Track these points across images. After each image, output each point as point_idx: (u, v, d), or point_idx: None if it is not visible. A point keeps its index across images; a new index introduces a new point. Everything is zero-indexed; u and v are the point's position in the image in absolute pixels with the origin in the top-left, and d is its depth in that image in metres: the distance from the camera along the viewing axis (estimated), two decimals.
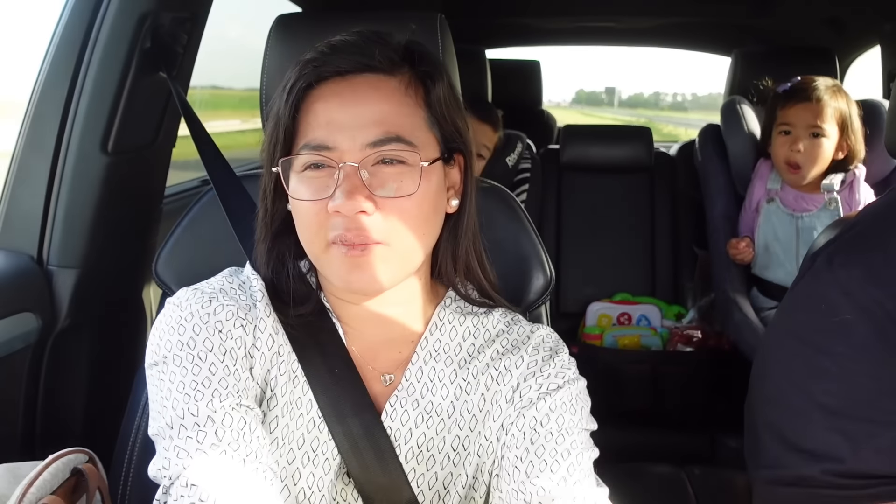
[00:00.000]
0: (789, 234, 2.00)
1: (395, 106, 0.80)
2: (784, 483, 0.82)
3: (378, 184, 0.77)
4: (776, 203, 2.03)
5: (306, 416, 0.82)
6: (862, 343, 0.77)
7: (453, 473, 0.83)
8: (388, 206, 0.77)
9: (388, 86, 0.80)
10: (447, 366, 0.86)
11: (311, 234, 0.79)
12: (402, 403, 0.84)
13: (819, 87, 1.92)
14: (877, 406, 0.76)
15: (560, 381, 0.84)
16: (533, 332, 0.89)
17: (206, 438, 0.73)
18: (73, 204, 1.26)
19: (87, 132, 1.24)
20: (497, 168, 2.20)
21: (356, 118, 0.78)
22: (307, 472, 0.81)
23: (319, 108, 0.79)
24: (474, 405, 0.84)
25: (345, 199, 0.75)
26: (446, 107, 0.84)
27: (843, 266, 0.80)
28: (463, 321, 0.89)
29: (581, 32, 3.44)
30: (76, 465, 0.92)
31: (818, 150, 1.92)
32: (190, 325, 0.79)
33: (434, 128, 0.82)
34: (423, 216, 0.80)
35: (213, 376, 0.76)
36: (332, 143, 0.77)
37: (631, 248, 2.56)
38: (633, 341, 2.26)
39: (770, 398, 0.85)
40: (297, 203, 0.80)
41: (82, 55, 1.24)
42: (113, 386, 1.23)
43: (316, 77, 0.80)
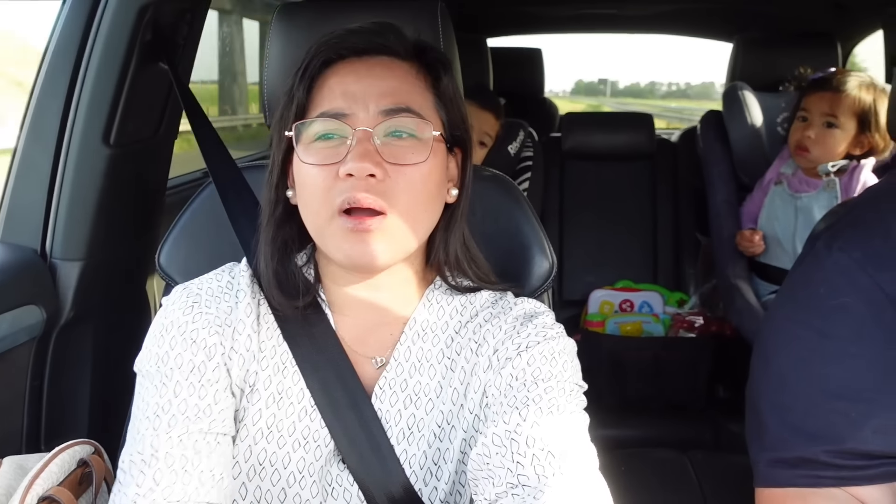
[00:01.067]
0: (789, 215, 2.01)
1: (407, 84, 0.84)
2: (785, 464, 0.82)
3: (389, 153, 0.79)
4: (783, 186, 2.04)
5: (297, 405, 0.84)
6: (861, 325, 0.77)
7: (441, 449, 0.84)
8: (397, 175, 0.79)
9: (400, 67, 0.85)
10: (434, 345, 0.87)
11: (317, 202, 0.80)
12: (391, 385, 0.85)
13: (844, 80, 1.92)
14: (876, 387, 0.76)
15: (539, 339, 0.83)
16: (516, 304, 0.89)
17: (144, 482, 0.76)
18: (75, 197, 1.26)
19: (89, 125, 1.25)
20: (499, 156, 2.20)
21: (370, 88, 0.81)
22: (297, 457, 0.82)
23: (334, 83, 0.83)
24: (458, 381, 0.85)
25: (357, 161, 0.77)
26: (453, 97, 0.88)
27: (842, 249, 0.80)
28: (451, 301, 0.90)
29: (582, 20, 3.43)
30: (82, 456, 0.92)
31: (829, 139, 1.91)
32: (168, 337, 0.83)
33: (441, 111, 0.86)
34: (427, 192, 0.82)
35: (175, 398, 0.80)
36: (347, 111, 0.80)
37: (633, 235, 2.56)
38: (635, 328, 2.26)
39: (771, 381, 0.85)
40: (305, 171, 0.81)
41: (83, 48, 1.24)
42: (117, 377, 1.24)
43: (334, 53, 0.84)
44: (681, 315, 2.27)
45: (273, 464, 0.82)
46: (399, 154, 0.80)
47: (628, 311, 2.34)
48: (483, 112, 2.15)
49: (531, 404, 0.77)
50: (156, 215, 1.46)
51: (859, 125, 1.90)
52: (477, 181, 1.08)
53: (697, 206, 2.45)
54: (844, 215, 0.86)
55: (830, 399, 0.79)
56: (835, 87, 1.91)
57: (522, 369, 0.81)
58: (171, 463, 0.77)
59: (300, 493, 0.82)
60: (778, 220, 2.03)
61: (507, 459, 0.74)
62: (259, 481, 0.82)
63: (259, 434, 0.83)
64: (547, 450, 0.74)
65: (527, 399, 0.78)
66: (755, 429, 0.87)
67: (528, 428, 0.75)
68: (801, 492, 0.82)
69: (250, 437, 0.83)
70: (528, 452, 0.74)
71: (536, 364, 0.81)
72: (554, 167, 2.58)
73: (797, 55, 2.29)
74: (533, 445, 0.74)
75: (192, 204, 1.10)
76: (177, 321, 0.84)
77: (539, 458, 0.73)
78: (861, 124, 1.90)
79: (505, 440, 0.75)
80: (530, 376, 0.80)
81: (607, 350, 2.19)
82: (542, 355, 0.82)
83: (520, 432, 0.75)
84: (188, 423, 0.79)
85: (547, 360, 0.82)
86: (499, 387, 0.81)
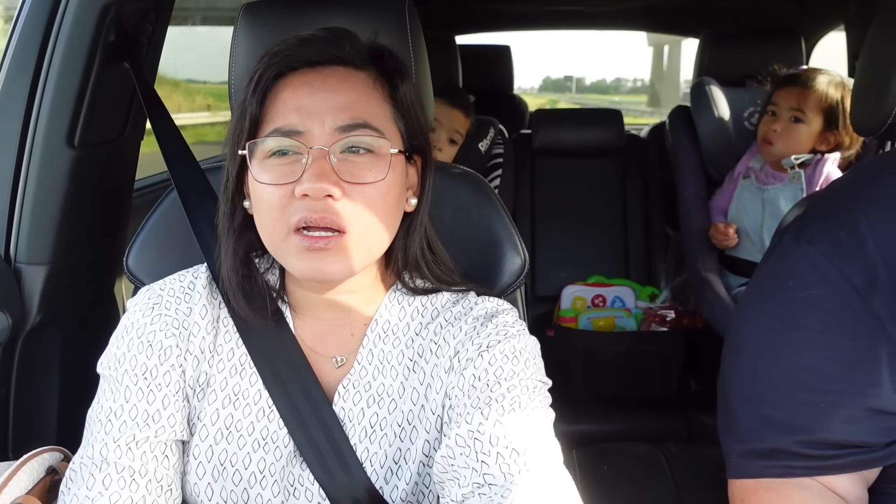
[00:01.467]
0: (756, 207, 2.03)
1: (363, 96, 0.82)
2: (757, 455, 0.83)
3: (346, 170, 0.78)
4: (751, 179, 2.06)
5: (254, 405, 0.85)
6: (829, 317, 0.78)
7: (402, 449, 0.84)
8: (355, 193, 0.78)
9: (356, 77, 0.82)
10: (395, 347, 0.87)
11: (272, 221, 0.79)
12: (353, 386, 0.86)
13: (813, 76, 1.95)
14: (845, 378, 0.77)
15: (500, 338, 0.83)
16: (477, 304, 0.89)
17: (94, 486, 0.78)
18: (40, 200, 1.24)
19: (52, 127, 1.22)
20: (470, 154, 2.20)
21: (325, 103, 0.79)
22: (258, 457, 0.83)
23: (288, 96, 0.80)
24: (418, 381, 0.86)
25: (313, 182, 0.75)
26: (411, 105, 0.86)
27: (810, 242, 0.81)
28: (412, 301, 0.90)
29: (550, 17, 3.44)
30: (51, 463, 0.91)
31: (794, 133, 1.94)
32: (127, 339, 0.85)
33: (399, 122, 0.84)
34: (386, 207, 0.81)
35: (126, 403, 0.82)
36: (302, 128, 0.78)
37: (604, 230, 2.58)
38: (607, 323, 2.28)
39: (741, 373, 0.86)
40: (260, 189, 0.79)
41: (44, 48, 1.21)
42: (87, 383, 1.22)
43: (286, 66, 0.81)
44: (653, 309, 2.29)
45: (234, 464, 0.83)
46: (356, 172, 0.78)
47: (601, 306, 2.36)
48: (453, 110, 2.15)
49: (493, 403, 0.77)
50: (123, 217, 1.44)
51: (825, 121, 1.92)
52: (448, 179, 1.08)
53: (667, 201, 2.47)
54: (811, 209, 0.87)
55: (800, 390, 0.80)
56: (803, 83, 1.94)
57: (484, 369, 0.81)
58: (120, 470, 0.79)
59: (262, 493, 0.83)
60: (746, 212, 2.06)
61: (471, 459, 0.74)
62: (223, 482, 0.83)
63: (219, 434, 0.83)
64: (511, 447, 0.74)
65: (489, 399, 0.78)
66: (727, 421, 0.88)
67: (490, 427, 0.75)
68: (773, 482, 0.83)
69: (210, 437, 0.83)
70: (492, 451, 0.74)
71: (498, 363, 0.81)
72: (525, 164, 2.59)
73: (762, 51, 2.32)
74: (497, 444, 0.74)
75: (161, 205, 1.09)
76: (137, 323, 0.85)
77: (504, 455, 0.73)
78: (827, 120, 1.92)
79: (468, 440, 0.76)
80: (492, 376, 0.80)
81: (580, 345, 2.20)
82: (504, 354, 0.82)
83: (483, 431, 0.75)
84: (136, 429, 0.80)
85: (508, 358, 0.82)
86: (462, 388, 0.81)
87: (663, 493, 1.06)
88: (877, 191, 0.82)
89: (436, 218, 0.97)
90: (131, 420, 0.81)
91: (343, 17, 1.01)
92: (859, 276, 0.77)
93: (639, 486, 1.11)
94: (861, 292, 0.77)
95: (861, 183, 0.86)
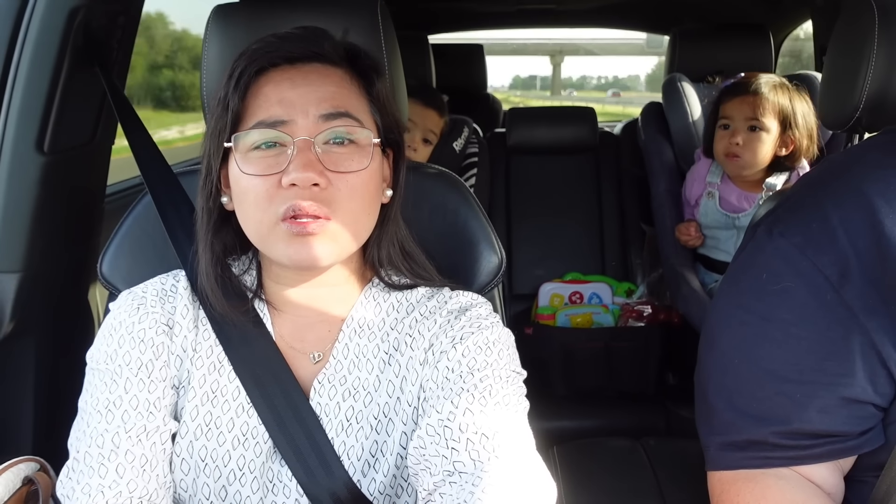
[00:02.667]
0: (728, 231, 2.03)
1: (343, 89, 0.84)
2: (735, 447, 0.84)
3: (330, 160, 0.80)
4: (714, 202, 2.04)
5: (233, 402, 0.86)
6: (803, 308, 0.80)
7: (378, 442, 0.85)
8: (339, 182, 0.80)
9: (335, 73, 0.85)
10: (370, 341, 0.89)
11: (260, 212, 0.81)
12: (329, 380, 0.87)
13: (759, 82, 1.92)
14: (820, 369, 0.79)
15: (472, 330, 0.85)
16: (451, 298, 0.91)
17: (107, 474, 0.79)
18: (10, 206, 1.22)
19: (20, 132, 1.20)
20: (444, 153, 2.20)
21: (307, 95, 0.81)
22: (237, 454, 0.84)
23: (270, 90, 0.82)
24: (393, 374, 0.87)
25: (300, 171, 0.78)
26: (386, 101, 0.89)
27: (782, 235, 0.82)
28: (388, 297, 0.92)
29: (522, 15, 3.45)
30: (27, 474, 0.90)
31: (756, 143, 1.91)
32: (117, 336, 0.86)
33: (376, 115, 0.87)
34: (368, 196, 0.84)
35: (125, 394, 0.82)
36: (286, 117, 0.80)
37: (580, 227, 2.59)
38: (585, 319, 2.29)
39: (718, 366, 0.87)
40: (245, 182, 0.81)
41: (11, 53, 1.19)
42: (62, 391, 1.20)
43: (267, 62, 0.83)
44: (629, 305, 2.30)
45: (214, 460, 0.84)
46: (341, 162, 0.81)
47: (578, 303, 2.37)
48: (427, 110, 2.15)
49: (464, 393, 0.79)
50: (95, 223, 1.42)
51: (781, 125, 1.91)
52: (424, 179, 1.08)
53: (641, 197, 2.48)
54: (783, 202, 0.88)
55: (775, 381, 0.81)
56: (753, 91, 1.91)
57: (458, 361, 0.82)
58: (131, 460, 0.80)
59: (240, 490, 0.84)
60: (719, 240, 2.04)
61: (441, 447, 0.76)
62: (205, 478, 0.84)
63: (199, 430, 0.84)
64: (480, 433, 0.75)
65: (461, 389, 0.79)
66: (704, 413, 0.89)
67: (461, 415, 0.77)
68: (752, 473, 0.84)
69: (190, 433, 0.84)
70: (462, 438, 0.75)
71: (471, 355, 0.83)
72: (499, 162, 2.59)
73: (731, 47, 2.35)
74: (466, 430, 0.75)
75: (134, 210, 1.08)
76: (124, 322, 0.86)
77: (473, 441, 0.75)
78: (783, 123, 1.91)
79: (438, 429, 0.77)
80: (465, 367, 0.82)
81: (559, 342, 2.21)
82: (477, 346, 0.83)
83: (453, 419, 0.77)
84: (142, 419, 0.81)
85: (481, 349, 0.83)
86: (435, 380, 0.83)
87: (644, 487, 1.07)
88: (847, 184, 0.83)
89: (412, 218, 0.97)
90: (133, 410, 0.82)
91: (315, 17, 1.00)
92: (832, 268, 0.78)
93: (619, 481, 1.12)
94: (833, 283, 0.78)
95: (831, 176, 0.88)
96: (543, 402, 2.16)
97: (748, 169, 1.96)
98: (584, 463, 1.16)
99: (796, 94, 1.93)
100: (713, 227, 2.06)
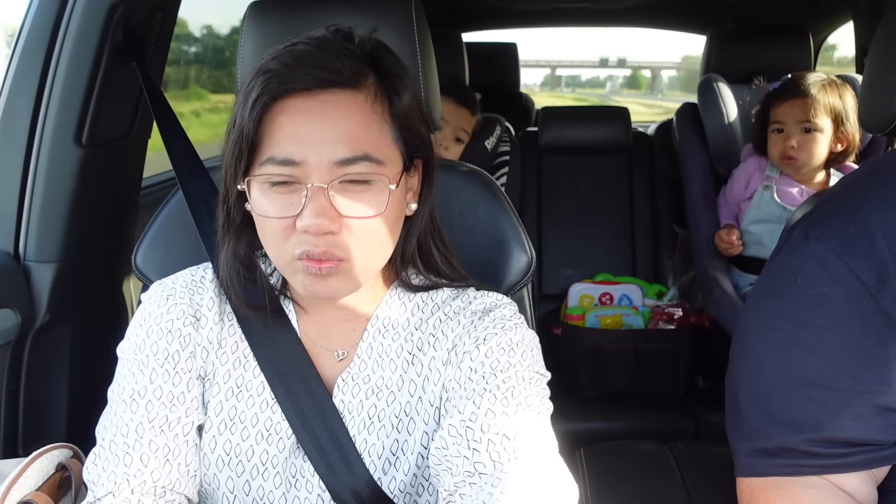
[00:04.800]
0: (779, 225, 1.99)
1: (362, 124, 0.78)
2: (766, 454, 0.83)
3: (346, 205, 0.77)
4: (771, 193, 2.02)
5: (258, 397, 0.87)
6: (839, 314, 0.78)
7: (399, 440, 0.86)
8: (355, 226, 0.78)
9: (354, 102, 0.79)
10: (394, 341, 0.89)
11: (277, 249, 0.80)
12: (353, 378, 0.88)
13: (808, 83, 1.91)
14: (855, 376, 0.77)
15: (496, 330, 0.85)
16: (475, 298, 0.90)
17: (132, 463, 0.81)
18: (48, 198, 1.24)
19: (59, 125, 1.23)
20: (476, 152, 2.20)
21: (323, 134, 0.76)
22: (260, 449, 0.85)
23: (285, 121, 0.77)
24: (416, 373, 0.87)
25: (313, 219, 0.75)
26: (411, 119, 0.83)
27: (819, 239, 0.81)
28: (413, 297, 0.92)
29: (556, 14, 3.43)
30: (61, 460, 0.92)
31: (811, 144, 1.91)
32: (146, 327, 0.87)
33: (399, 142, 0.82)
34: (386, 233, 0.81)
35: (150, 385, 0.84)
36: (298, 158, 0.76)
37: (611, 228, 2.57)
38: (615, 321, 2.27)
39: (750, 371, 0.86)
40: (261, 218, 0.79)
41: (52, 47, 1.22)
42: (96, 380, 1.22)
43: (282, 91, 0.77)
44: (660, 307, 2.28)
45: (237, 455, 0.85)
46: (356, 207, 0.77)
47: (608, 304, 2.35)
48: (459, 108, 2.15)
49: (486, 394, 0.78)
50: (130, 215, 1.45)
51: (834, 123, 1.90)
52: (455, 177, 1.08)
53: (674, 199, 2.46)
54: (820, 205, 0.87)
55: (809, 388, 0.79)
56: (803, 93, 1.90)
57: (481, 362, 0.82)
58: (154, 450, 0.81)
59: (263, 484, 0.85)
60: (767, 227, 2.02)
61: (463, 448, 0.76)
62: (229, 472, 0.85)
63: (223, 425, 0.86)
64: (502, 433, 0.75)
65: (484, 389, 0.79)
66: (735, 419, 0.87)
67: (482, 415, 0.77)
68: (782, 480, 0.82)
69: (214, 427, 0.86)
70: (483, 438, 0.75)
71: (494, 356, 0.82)
72: (531, 161, 2.58)
73: (770, 47, 2.31)
74: (488, 431, 0.75)
75: (168, 204, 1.09)
76: (153, 312, 0.87)
77: (494, 442, 0.74)
78: (835, 121, 1.90)
79: (460, 429, 0.77)
80: (488, 368, 0.81)
81: (588, 343, 2.19)
82: (500, 346, 0.83)
83: (475, 420, 0.77)
84: (165, 410, 0.83)
85: (504, 350, 0.83)
86: (458, 381, 0.83)
87: (671, 492, 1.06)
88: (887, 188, 0.82)
89: (443, 216, 0.97)
90: (157, 400, 0.83)
91: (349, 16, 1.01)
92: (869, 273, 0.77)
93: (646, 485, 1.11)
94: (871, 289, 0.76)
95: (872, 180, 0.86)
96: (571, 404, 2.16)
97: (805, 168, 1.96)
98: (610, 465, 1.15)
99: (843, 89, 1.93)
100: (764, 220, 2.03)
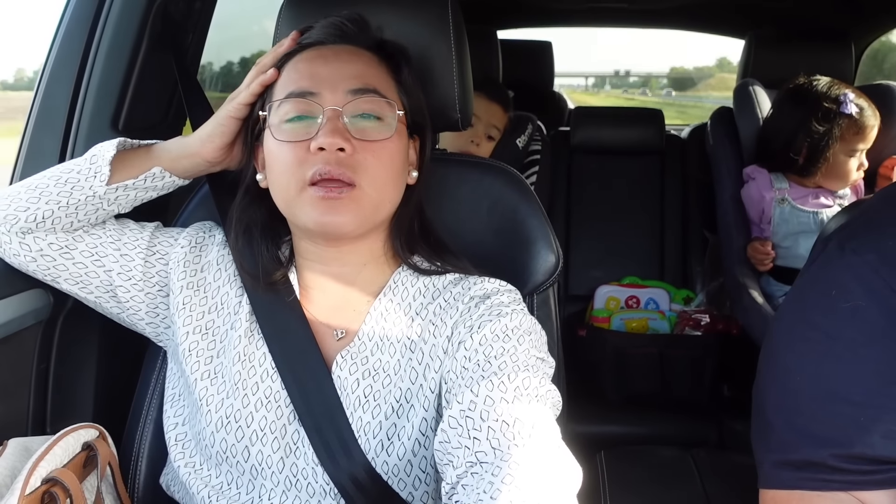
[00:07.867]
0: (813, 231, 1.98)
1: (372, 69, 0.92)
2: (791, 467, 0.82)
3: (357, 131, 0.86)
4: (788, 206, 2.01)
5: (259, 367, 0.90)
6: (873, 329, 0.77)
7: (397, 425, 0.87)
8: (365, 151, 0.86)
9: (365, 54, 0.93)
10: (395, 325, 0.91)
11: (288, 175, 0.87)
12: (352, 357, 0.90)
13: (867, 111, 1.96)
14: (888, 393, 0.76)
15: (490, 318, 0.86)
16: (475, 284, 0.92)
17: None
18: None
19: (97, 110, 1.24)
20: (507, 149, 2.19)
21: (338, 71, 0.89)
22: (259, 415, 0.88)
23: (302, 66, 0.91)
24: (416, 361, 0.89)
25: (328, 136, 0.84)
26: (412, 86, 0.95)
27: (855, 251, 0.79)
28: (416, 282, 0.94)
29: (593, 13, 3.41)
30: (87, 440, 0.93)
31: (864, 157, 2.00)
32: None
33: (403, 96, 0.93)
34: (393, 167, 0.89)
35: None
36: (315, 89, 0.87)
37: (640, 231, 2.55)
38: (641, 325, 2.25)
39: (778, 382, 0.85)
40: (276, 149, 0.88)
41: (92, 33, 1.24)
42: (124, 362, 1.24)
43: (299, 48, 0.93)
44: (687, 313, 2.26)
45: (237, 420, 0.88)
46: (367, 132, 0.87)
47: (634, 307, 2.33)
48: (491, 104, 2.14)
49: (483, 381, 0.79)
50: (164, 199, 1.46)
51: None
52: (484, 174, 1.08)
53: (705, 203, 2.43)
54: (857, 216, 0.85)
55: (839, 403, 0.78)
56: (864, 123, 1.95)
57: (475, 350, 0.83)
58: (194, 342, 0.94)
59: (262, 449, 0.87)
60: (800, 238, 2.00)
61: (464, 438, 0.75)
62: (225, 434, 0.88)
63: (231, 391, 0.89)
64: (501, 420, 0.74)
65: (481, 377, 0.79)
66: (761, 429, 0.86)
67: (481, 403, 0.77)
68: (807, 494, 0.81)
69: (224, 391, 0.89)
70: (483, 426, 0.75)
71: (488, 343, 0.83)
72: (562, 161, 2.57)
73: (811, 53, 2.27)
74: (487, 419, 0.75)
75: (199, 193, 1.11)
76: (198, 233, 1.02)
77: (494, 429, 0.74)
78: None
79: (460, 419, 0.77)
80: (482, 355, 0.82)
81: (612, 346, 2.18)
82: (494, 334, 0.84)
83: (473, 409, 0.77)
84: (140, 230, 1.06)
85: (499, 337, 0.84)
86: (455, 370, 0.84)
87: (692, 499, 1.05)
88: None
89: (471, 213, 0.97)
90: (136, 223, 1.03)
91: (386, 13, 1.01)
92: None
93: (667, 491, 1.10)
94: None
95: None
96: (593, 406, 2.15)
97: None
98: (630, 470, 1.15)
99: None
100: (794, 232, 2.00)
